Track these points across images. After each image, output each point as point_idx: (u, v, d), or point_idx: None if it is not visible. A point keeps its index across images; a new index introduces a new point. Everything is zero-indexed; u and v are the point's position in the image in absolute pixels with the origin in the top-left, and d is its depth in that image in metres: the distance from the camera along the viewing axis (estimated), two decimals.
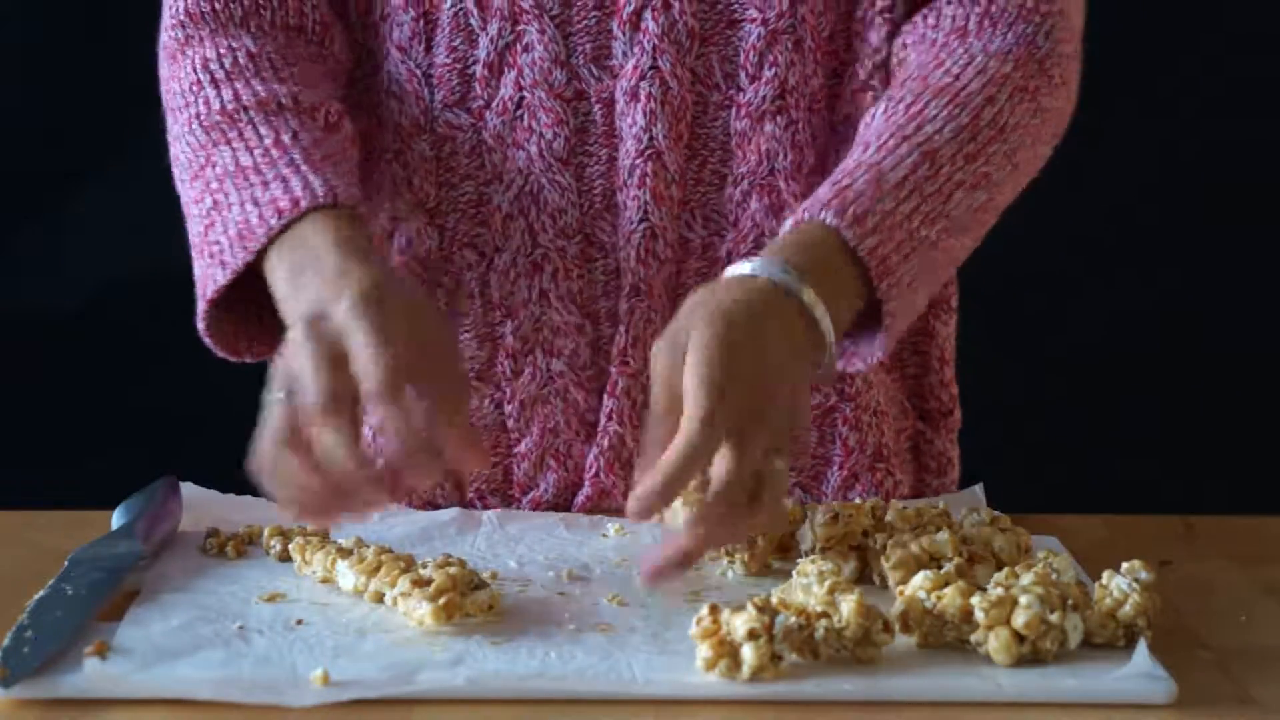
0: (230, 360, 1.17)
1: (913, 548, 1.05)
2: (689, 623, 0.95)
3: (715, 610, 0.94)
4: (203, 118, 1.19)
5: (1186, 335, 2.29)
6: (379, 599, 1.02)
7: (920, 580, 0.98)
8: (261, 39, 1.23)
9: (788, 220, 1.12)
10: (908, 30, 1.24)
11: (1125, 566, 1.00)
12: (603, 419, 1.26)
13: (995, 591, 0.96)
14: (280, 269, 1.09)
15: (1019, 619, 0.94)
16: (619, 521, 1.19)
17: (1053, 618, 0.95)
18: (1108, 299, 2.29)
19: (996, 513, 1.11)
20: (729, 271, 1.08)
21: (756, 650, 0.92)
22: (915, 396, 1.35)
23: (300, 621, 0.99)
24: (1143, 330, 2.30)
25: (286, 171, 1.13)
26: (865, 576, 1.09)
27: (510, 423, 1.28)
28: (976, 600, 0.96)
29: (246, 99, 1.18)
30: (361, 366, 1.00)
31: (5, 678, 0.90)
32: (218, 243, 1.13)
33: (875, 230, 1.10)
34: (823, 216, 1.10)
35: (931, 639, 0.97)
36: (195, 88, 1.21)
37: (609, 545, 1.16)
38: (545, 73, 1.23)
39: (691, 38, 1.23)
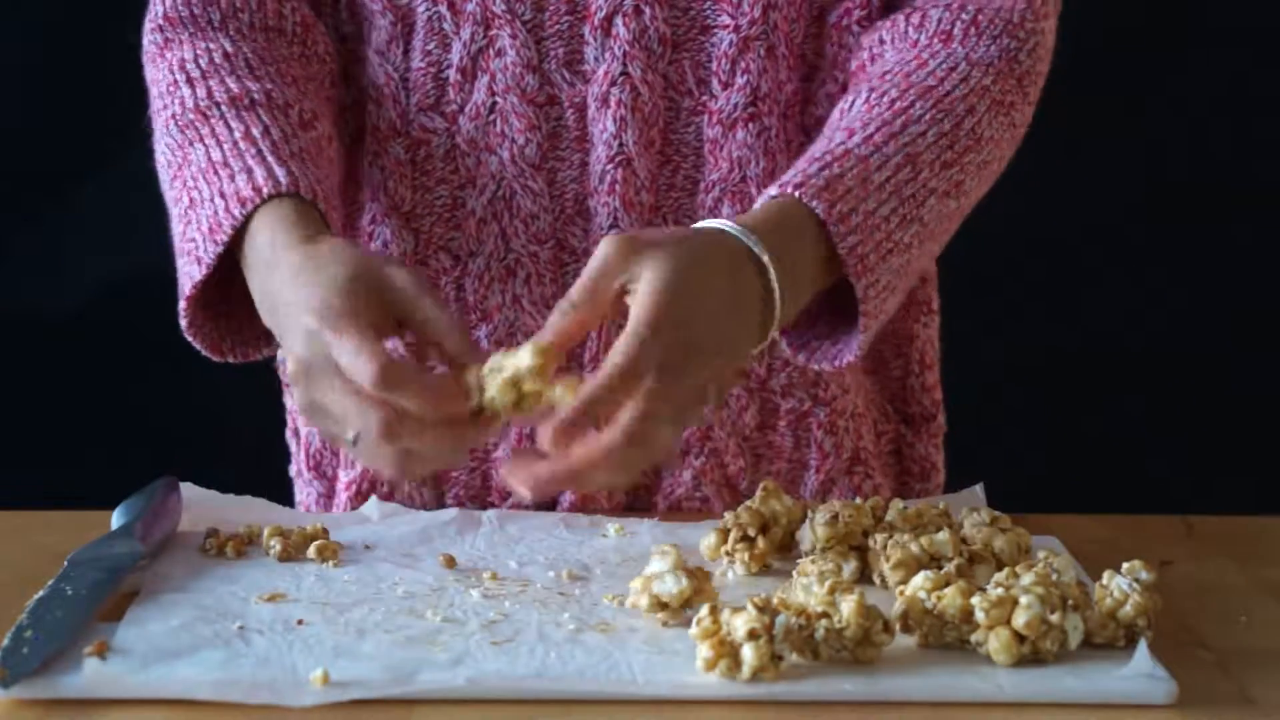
0: (215, 360, 1.17)
1: (913, 548, 1.05)
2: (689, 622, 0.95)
3: (715, 610, 0.94)
4: (178, 117, 1.19)
5: (1187, 335, 2.29)
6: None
7: (920, 580, 0.98)
8: (240, 41, 1.23)
9: (772, 188, 1.11)
10: (886, 26, 1.24)
11: (1125, 566, 1.00)
12: None
13: (995, 591, 0.96)
14: (248, 271, 1.11)
15: (1019, 619, 0.94)
16: (619, 521, 1.19)
17: (1053, 618, 0.95)
18: (1109, 299, 2.29)
19: (996, 513, 1.11)
20: (702, 223, 1.08)
21: (756, 650, 0.92)
22: (897, 400, 1.35)
23: (300, 621, 0.99)
24: (1144, 330, 2.30)
25: (252, 163, 1.13)
26: (865, 576, 1.09)
27: None
28: (976, 600, 0.96)
29: (219, 95, 1.19)
30: (356, 374, 1.00)
31: (5, 678, 0.90)
32: (193, 240, 1.14)
33: (857, 229, 1.10)
34: (813, 205, 1.09)
35: (931, 639, 0.97)
36: (172, 88, 1.21)
37: (609, 545, 1.16)
38: (517, 78, 1.23)
39: (663, 44, 1.23)
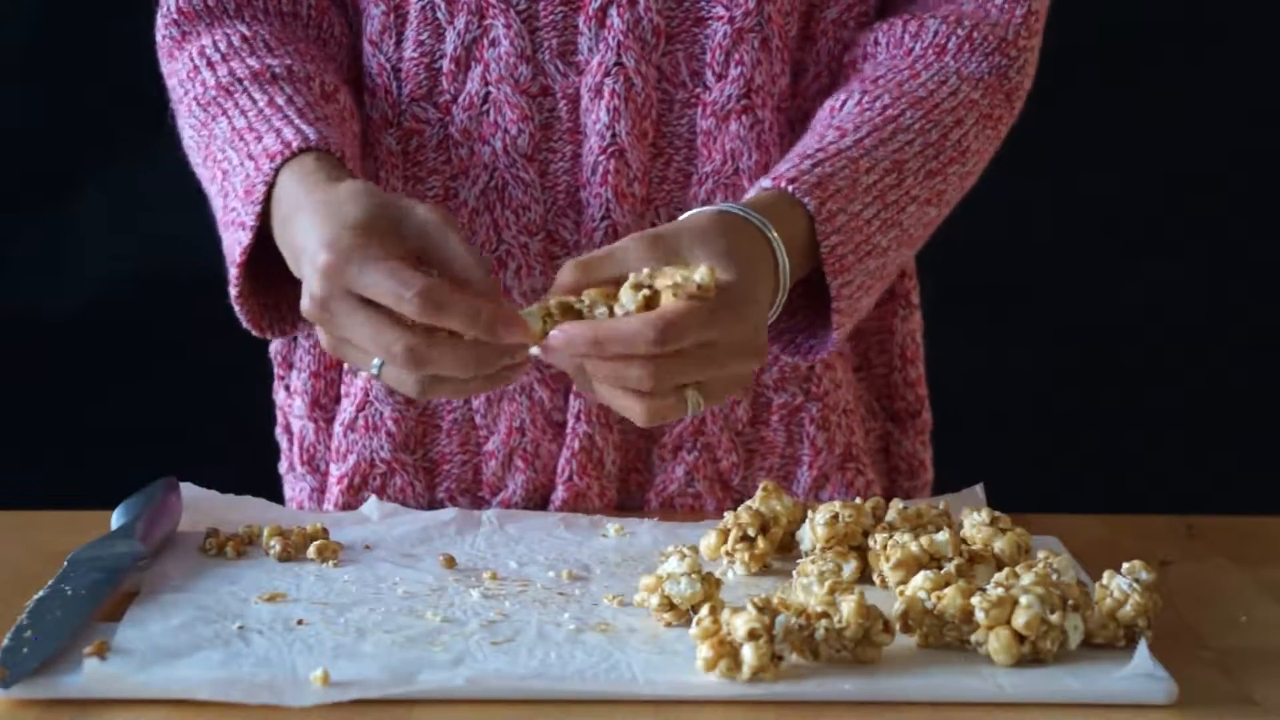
0: (254, 333, 1.19)
1: (913, 548, 1.05)
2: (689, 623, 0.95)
3: (715, 610, 0.94)
4: (200, 98, 1.20)
5: (1187, 335, 2.29)
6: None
7: (920, 580, 0.98)
8: (256, 25, 1.25)
9: (765, 179, 1.14)
10: (882, 29, 1.25)
11: (1125, 566, 1.00)
12: (570, 419, 1.26)
13: (995, 591, 0.96)
14: (277, 228, 1.12)
15: (1019, 619, 0.94)
16: (619, 521, 1.19)
17: (1053, 618, 0.95)
18: (1109, 299, 2.29)
19: (996, 513, 1.11)
20: (722, 207, 1.11)
21: (756, 650, 0.92)
22: (883, 397, 1.35)
23: (300, 621, 0.99)
24: (1144, 330, 2.30)
25: (280, 124, 1.15)
26: (865, 576, 1.09)
27: (478, 419, 1.28)
28: (976, 600, 0.96)
29: (241, 73, 1.20)
30: (392, 299, 1.02)
31: (5, 678, 0.90)
32: (233, 209, 1.14)
33: (841, 229, 1.13)
34: (805, 201, 1.12)
35: (931, 639, 0.97)
36: (192, 74, 1.22)
37: (609, 545, 1.16)
38: (511, 68, 1.23)
39: (657, 35, 1.23)
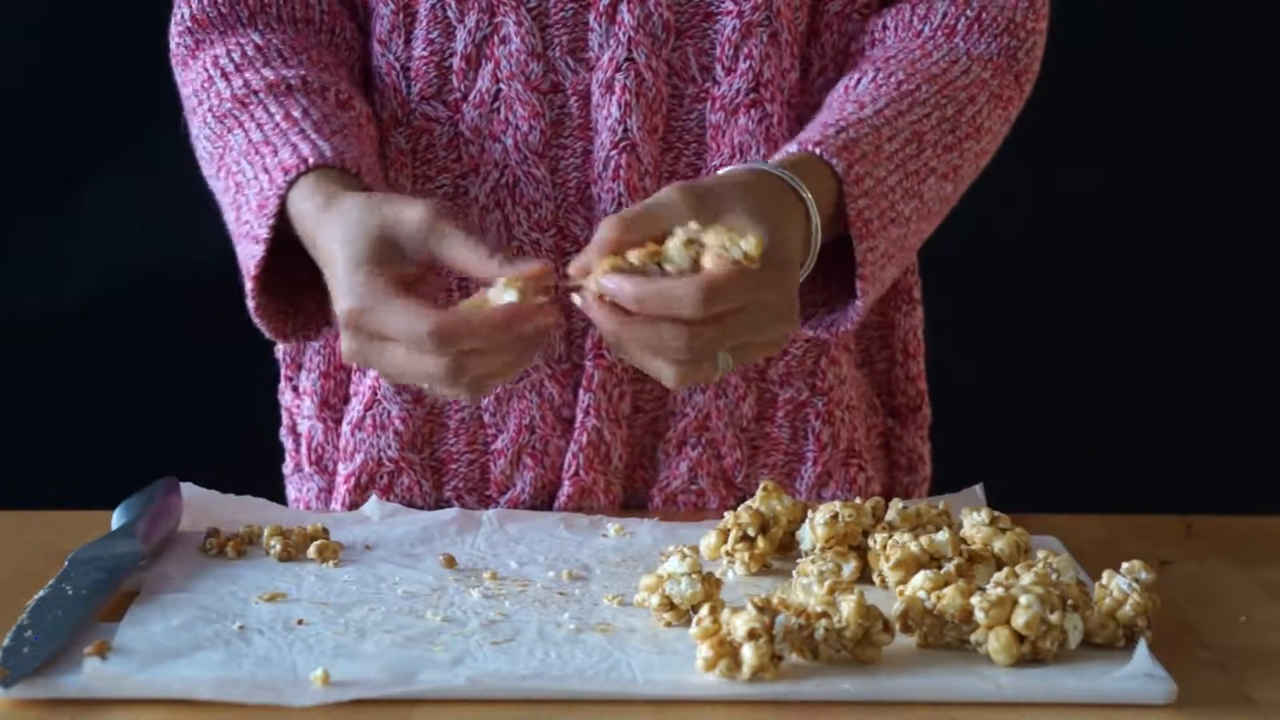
0: (277, 342, 1.19)
1: (912, 548, 1.05)
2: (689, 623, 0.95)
3: (715, 610, 0.94)
4: (215, 109, 1.21)
5: (1187, 335, 2.29)
6: None
7: (920, 580, 0.98)
8: (269, 33, 1.25)
9: (791, 145, 1.15)
10: (890, 14, 1.27)
11: (1125, 566, 1.00)
12: (579, 414, 1.26)
13: (995, 591, 0.96)
14: (305, 242, 1.12)
15: (1019, 619, 0.94)
16: (619, 521, 1.19)
17: (1053, 618, 0.95)
18: (1110, 299, 2.29)
19: (996, 513, 1.11)
20: (756, 166, 1.11)
21: (756, 650, 0.92)
22: (884, 393, 1.36)
23: (300, 621, 0.99)
24: (1144, 330, 2.30)
25: (296, 139, 1.15)
26: (865, 576, 1.09)
27: (486, 417, 1.28)
28: (976, 600, 0.96)
29: (256, 84, 1.20)
30: (412, 342, 1.03)
31: (5, 678, 0.90)
32: (247, 222, 1.15)
33: (868, 193, 1.14)
34: (833, 162, 1.13)
35: (931, 639, 0.97)
36: (207, 84, 1.22)
37: (609, 545, 1.16)
38: (522, 65, 1.24)
39: (667, 30, 1.23)
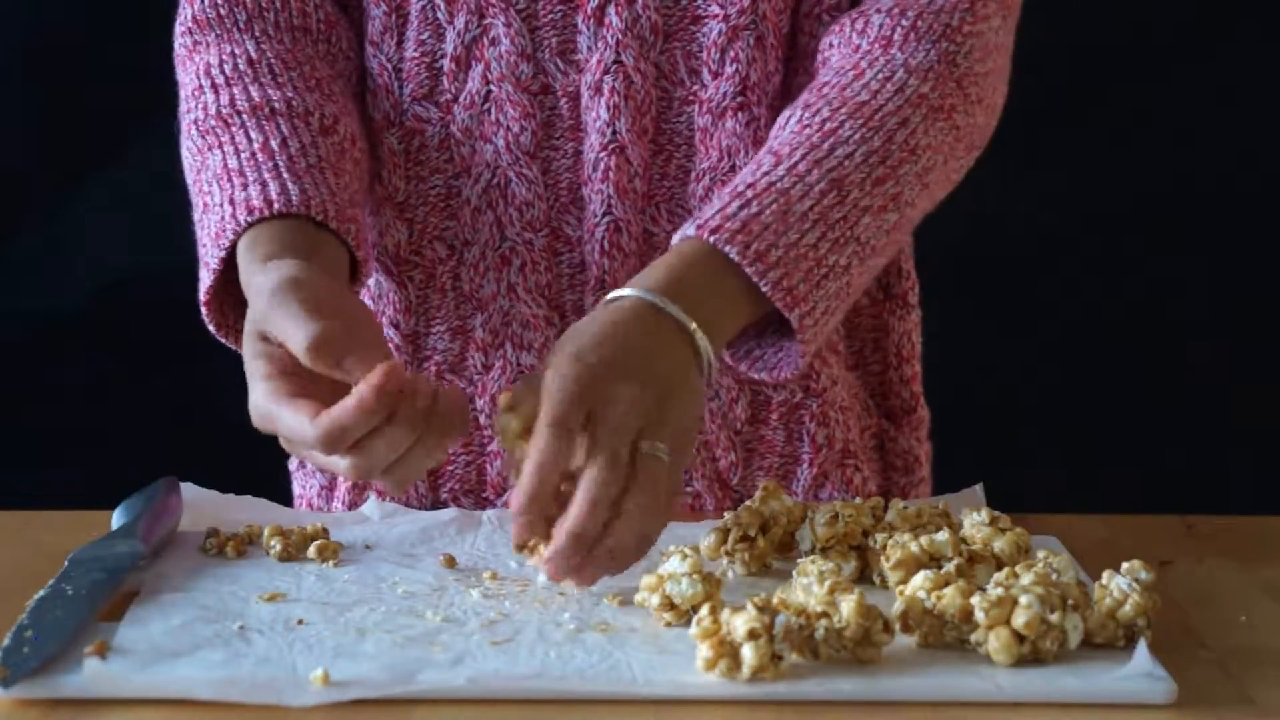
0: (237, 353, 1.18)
1: (912, 548, 1.05)
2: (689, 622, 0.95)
3: (715, 610, 0.94)
4: (199, 122, 1.20)
5: (1187, 335, 2.29)
6: None
7: (920, 580, 0.98)
8: (265, 43, 1.24)
9: (689, 227, 1.11)
10: (834, 30, 1.25)
11: (1125, 566, 1.00)
12: None
13: (995, 591, 0.96)
14: (243, 277, 1.11)
15: (1019, 619, 0.94)
16: None
17: (1053, 618, 0.95)
18: (1109, 299, 2.29)
19: (996, 513, 1.11)
20: (621, 291, 1.07)
21: (756, 650, 0.92)
22: (878, 395, 1.36)
23: (300, 621, 0.99)
24: (1145, 330, 2.30)
25: (268, 176, 1.14)
26: (865, 576, 1.09)
27: (482, 419, 1.28)
28: (976, 600, 0.96)
29: (240, 103, 1.20)
30: (290, 345, 1.01)
31: (5, 678, 0.90)
32: (204, 245, 1.15)
33: (779, 263, 1.10)
34: (727, 250, 1.09)
35: (931, 639, 0.97)
36: (196, 92, 1.22)
37: None
38: (512, 66, 1.24)
39: (655, 33, 1.24)
